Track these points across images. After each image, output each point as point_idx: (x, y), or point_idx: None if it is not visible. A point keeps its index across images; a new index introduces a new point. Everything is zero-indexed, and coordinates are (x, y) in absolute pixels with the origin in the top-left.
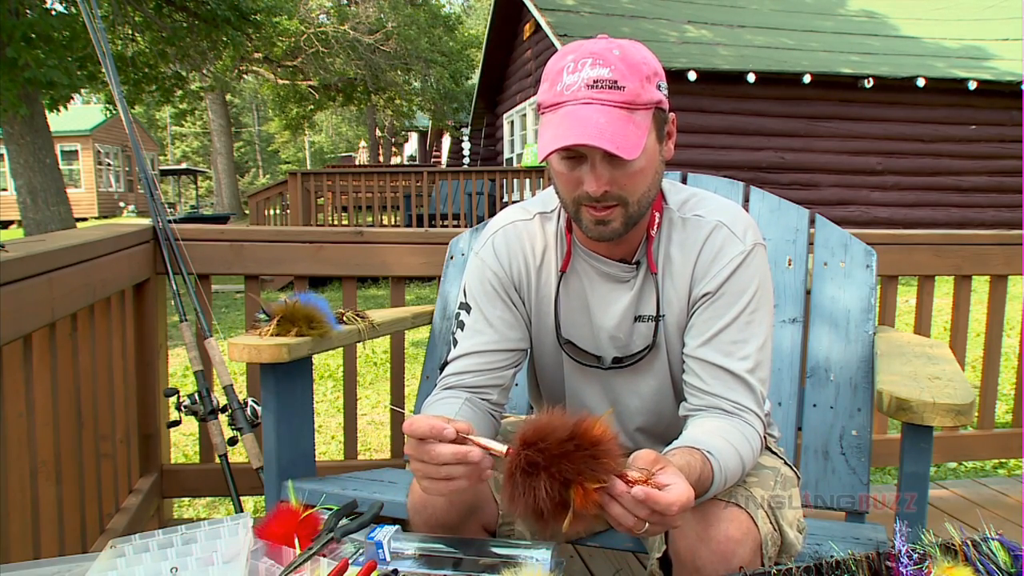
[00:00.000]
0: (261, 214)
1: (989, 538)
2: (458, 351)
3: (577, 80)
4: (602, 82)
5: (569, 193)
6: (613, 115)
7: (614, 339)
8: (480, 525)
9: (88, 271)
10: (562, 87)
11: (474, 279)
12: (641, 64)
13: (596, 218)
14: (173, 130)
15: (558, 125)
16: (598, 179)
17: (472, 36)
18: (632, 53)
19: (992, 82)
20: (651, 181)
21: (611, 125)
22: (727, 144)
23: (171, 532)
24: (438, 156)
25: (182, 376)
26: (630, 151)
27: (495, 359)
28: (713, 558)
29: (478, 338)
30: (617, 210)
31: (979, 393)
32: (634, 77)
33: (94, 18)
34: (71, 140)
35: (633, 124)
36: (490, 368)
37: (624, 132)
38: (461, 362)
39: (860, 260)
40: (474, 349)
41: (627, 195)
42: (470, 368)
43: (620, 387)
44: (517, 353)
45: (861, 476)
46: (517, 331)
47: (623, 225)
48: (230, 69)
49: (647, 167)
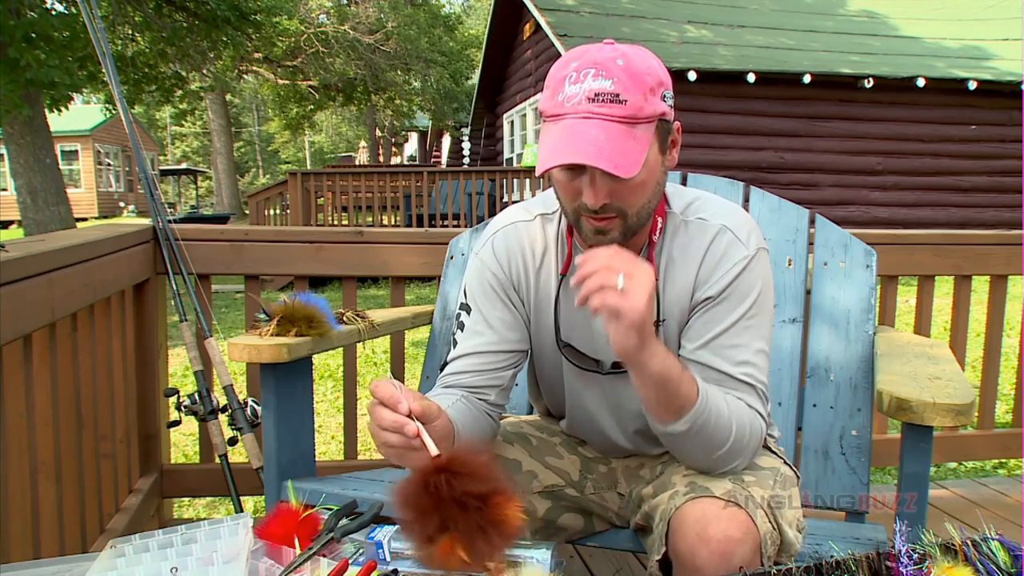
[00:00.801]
0: (261, 214)
1: (989, 538)
2: (457, 351)
3: (579, 92)
4: (604, 95)
5: (569, 202)
6: (613, 131)
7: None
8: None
9: (88, 271)
10: (563, 97)
11: (474, 280)
12: (645, 75)
13: (595, 227)
14: (173, 130)
15: (557, 139)
16: (597, 193)
17: (472, 36)
18: (636, 64)
19: (992, 82)
20: (652, 193)
21: (610, 142)
22: (727, 144)
23: (171, 532)
24: (438, 156)
25: (182, 376)
26: (628, 169)
27: (494, 360)
28: (712, 557)
29: (477, 339)
30: (616, 221)
31: (979, 393)
32: (637, 90)
33: (94, 18)
34: (71, 140)
35: (633, 140)
36: (489, 369)
37: (623, 149)
38: (460, 362)
39: (860, 260)
40: (473, 350)
41: (626, 207)
42: (469, 368)
43: (620, 390)
44: (516, 354)
45: (861, 476)
46: (516, 332)
47: (622, 235)
48: (230, 69)
49: (648, 180)
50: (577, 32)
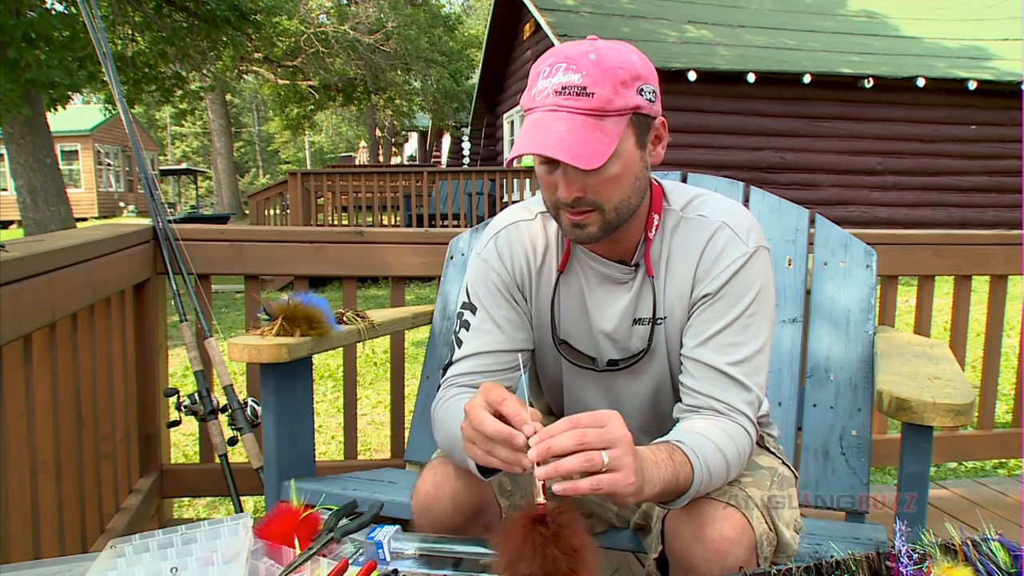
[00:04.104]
0: (261, 214)
1: (989, 538)
2: (464, 351)
3: (548, 86)
4: (571, 88)
5: (549, 197)
6: (576, 123)
7: (613, 341)
8: (484, 527)
9: (88, 271)
10: (535, 91)
11: (478, 280)
12: (617, 68)
13: (573, 222)
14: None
15: (524, 131)
16: (568, 185)
17: (472, 36)
18: (609, 57)
19: (992, 82)
20: (630, 188)
21: (572, 134)
22: (727, 144)
23: (171, 532)
24: (438, 156)
25: (182, 376)
26: (590, 161)
27: (503, 360)
28: (708, 557)
29: (485, 338)
30: (593, 215)
31: (979, 393)
32: (606, 83)
33: (94, 18)
34: (71, 140)
35: (600, 132)
36: (498, 369)
37: (586, 141)
38: (468, 362)
39: (860, 260)
40: (482, 349)
41: (602, 201)
42: (478, 369)
43: (619, 388)
44: (524, 353)
45: (861, 476)
46: (523, 331)
47: (600, 230)
48: (230, 69)
49: (623, 174)
50: (577, 32)
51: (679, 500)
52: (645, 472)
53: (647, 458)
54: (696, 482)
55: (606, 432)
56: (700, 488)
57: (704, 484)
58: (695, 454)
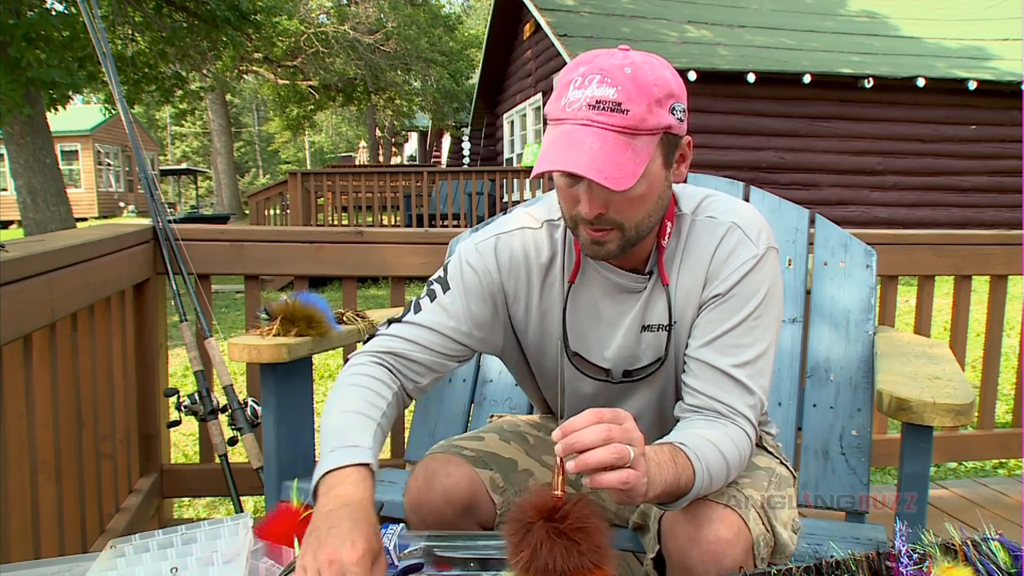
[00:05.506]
0: (261, 214)
1: (989, 538)
2: (418, 319)
3: (581, 98)
4: (605, 103)
5: (568, 209)
6: (609, 140)
7: (622, 349)
8: (476, 523)
9: (88, 271)
10: (566, 102)
11: (465, 267)
12: (652, 86)
13: (592, 238)
14: (173, 130)
15: (552, 144)
16: (591, 202)
17: (472, 36)
18: (644, 73)
19: (992, 82)
20: (652, 207)
21: (605, 152)
22: (727, 144)
23: (171, 532)
24: (438, 156)
25: (182, 376)
26: (621, 182)
27: (450, 347)
28: (704, 558)
29: (445, 319)
30: (613, 233)
31: (979, 393)
32: (642, 100)
33: (94, 18)
34: (71, 140)
35: (631, 151)
36: (442, 352)
37: (618, 160)
38: (417, 330)
39: (860, 260)
40: (437, 327)
41: (624, 220)
42: (422, 341)
43: (627, 396)
44: (469, 351)
45: (861, 476)
46: (483, 332)
47: (619, 248)
48: (230, 69)
49: (648, 193)
50: (577, 32)
51: (679, 502)
52: (650, 473)
53: (651, 459)
54: (697, 485)
55: (628, 430)
56: (700, 491)
57: (704, 487)
58: (697, 457)
